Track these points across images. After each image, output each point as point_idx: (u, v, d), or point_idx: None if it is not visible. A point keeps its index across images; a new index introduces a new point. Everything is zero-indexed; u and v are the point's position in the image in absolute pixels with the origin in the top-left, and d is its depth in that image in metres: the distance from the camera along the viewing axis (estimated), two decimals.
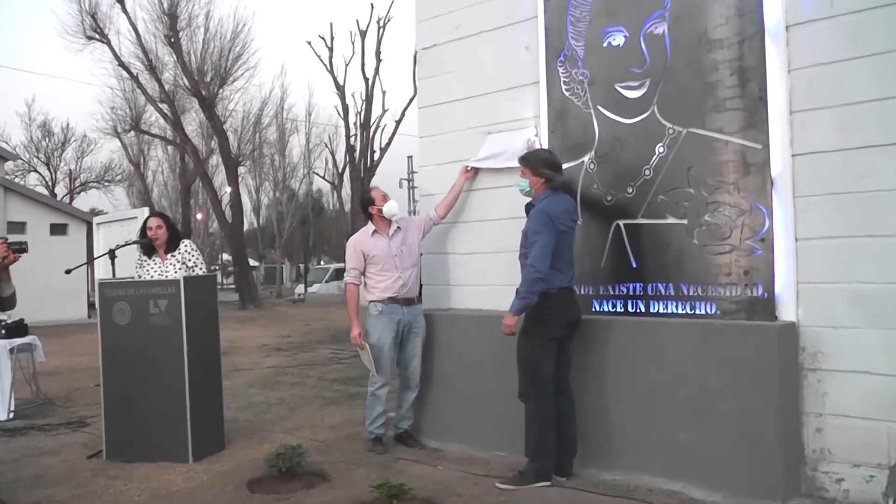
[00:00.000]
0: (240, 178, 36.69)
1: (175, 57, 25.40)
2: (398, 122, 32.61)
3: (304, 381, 9.43)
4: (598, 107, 5.17)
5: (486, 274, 5.82)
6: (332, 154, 39.46)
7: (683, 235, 4.75)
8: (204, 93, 25.81)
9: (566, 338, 4.81)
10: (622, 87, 5.04)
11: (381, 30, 32.11)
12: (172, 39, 24.95)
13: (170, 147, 36.18)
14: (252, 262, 52.48)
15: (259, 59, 58.21)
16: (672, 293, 4.80)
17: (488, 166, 5.77)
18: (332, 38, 32.77)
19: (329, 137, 40.30)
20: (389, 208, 5.80)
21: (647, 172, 4.91)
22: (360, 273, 5.82)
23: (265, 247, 51.90)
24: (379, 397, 5.80)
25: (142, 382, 5.66)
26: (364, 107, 32.67)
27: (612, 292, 5.06)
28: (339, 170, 37.66)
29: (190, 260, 6.09)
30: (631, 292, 4.98)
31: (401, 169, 45.65)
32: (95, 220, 9.48)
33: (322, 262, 53.39)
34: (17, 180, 33.78)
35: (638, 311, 4.94)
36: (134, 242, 6.26)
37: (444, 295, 6.15)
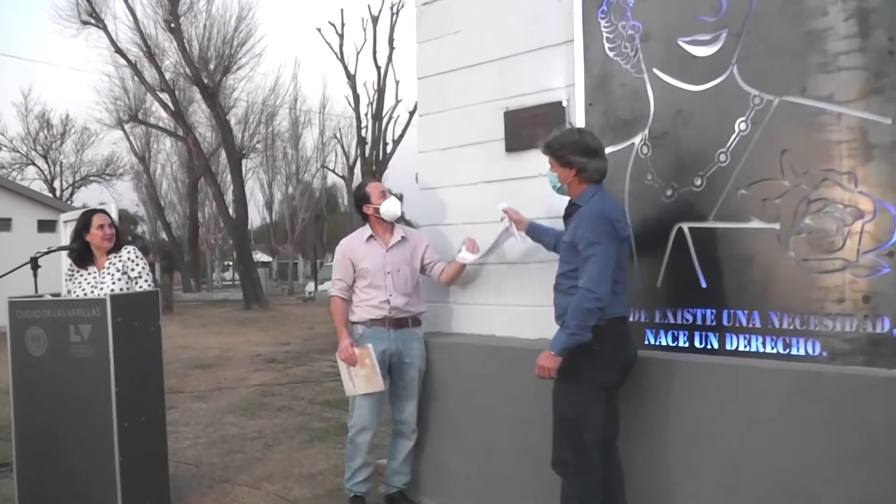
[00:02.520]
0: (252, 172, 35.71)
1: (175, 43, 24.16)
2: (412, 113, 31.54)
3: (292, 405, 8.15)
4: (654, 70, 3.85)
5: (503, 291, 4.52)
6: (343, 147, 38.40)
7: (774, 245, 3.43)
8: (206, 81, 24.57)
9: (618, 385, 3.52)
10: (688, 43, 3.72)
11: (395, 16, 31.14)
12: (172, 24, 23.70)
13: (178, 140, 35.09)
14: (265, 258, 51.68)
15: (265, 46, 56.84)
16: (757, 325, 3.48)
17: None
18: (342, 25, 31.89)
19: (340, 130, 39.23)
20: (389, 208, 4.53)
21: (721, 158, 3.60)
22: (349, 286, 4.56)
23: (278, 242, 50.89)
24: (359, 446, 4.52)
25: (62, 429, 4.41)
26: (376, 97, 31.65)
27: (672, 320, 3.75)
28: (350, 163, 36.56)
29: (134, 269, 4.80)
30: (699, 321, 3.66)
31: (413, 164, 44.18)
32: (62, 216, 8.30)
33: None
34: (13, 174, 32.74)
35: (708, 346, 3.63)
36: (60, 249, 5.01)
37: (445, 316, 4.86)
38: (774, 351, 3.43)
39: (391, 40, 31.21)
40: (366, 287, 4.48)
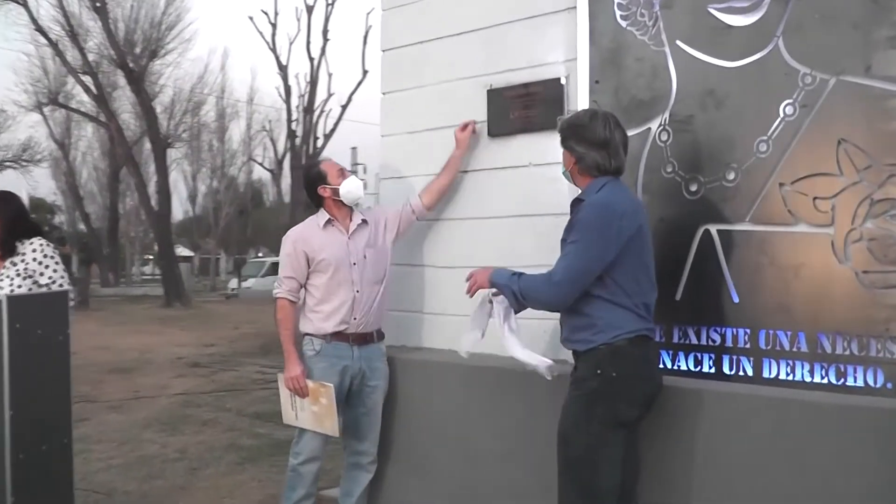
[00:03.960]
0: (176, 164, 34.41)
1: (100, 24, 22.73)
2: (344, 107, 30.94)
3: (218, 418, 7.31)
4: (678, 42, 3.24)
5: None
6: (272, 140, 37.28)
7: (827, 254, 2.86)
8: (132, 65, 23.20)
9: (639, 420, 2.89)
10: (721, 10, 3.12)
11: (330, 6, 30.39)
12: (98, 4, 22.25)
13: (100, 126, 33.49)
14: (187, 253, 50.12)
15: (195, 30, 54.99)
16: (803, 348, 2.90)
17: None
18: (275, 14, 30.82)
19: (270, 122, 38.06)
20: (350, 188, 3.79)
21: (761, 148, 3.01)
22: (300, 286, 3.80)
23: (201, 236, 49.35)
24: (303, 476, 3.77)
25: None
26: (308, 89, 30.77)
27: (695, 340, 3.14)
28: (280, 157, 35.52)
29: (43, 274, 3.88)
30: (729, 342, 3.06)
31: (345, 161, 43.79)
32: None
33: (260, 255, 51.35)
34: None
35: (741, 373, 3.03)
36: None
37: (415, 328, 4.17)
38: (824, 381, 2.85)
39: (325, 32, 30.56)
40: (325, 286, 3.73)
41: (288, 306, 3.77)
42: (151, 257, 58.20)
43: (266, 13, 31.12)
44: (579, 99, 3.53)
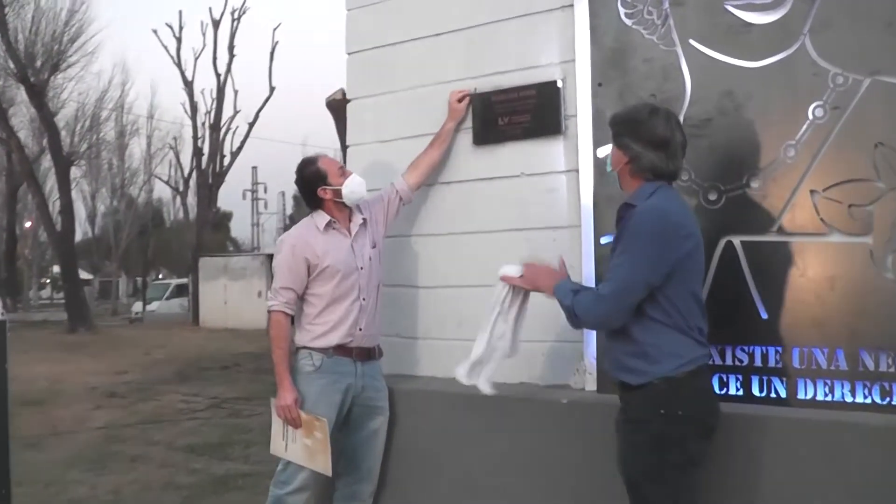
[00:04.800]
0: (75, 183, 33.06)
1: None
2: (251, 125, 30.78)
3: (148, 453, 6.77)
4: (691, 41, 3.03)
5: (480, 322, 3.55)
6: (178, 157, 36.26)
7: (866, 264, 2.68)
8: (33, 79, 22.06)
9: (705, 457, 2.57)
10: (739, 7, 2.93)
11: (236, 21, 30.26)
12: None
13: None
14: (86, 276, 48.21)
15: (98, 43, 52.90)
16: (842, 366, 2.71)
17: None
18: (180, 28, 30.34)
19: (175, 139, 37.00)
20: (353, 188, 3.42)
21: (789, 153, 2.82)
22: (298, 296, 3.39)
23: (101, 258, 47.47)
24: None
25: None
26: (214, 106, 30.17)
27: (719, 361, 2.91)
28: (185, 175, 34.56)
29: None
30: (758, 362, 2.84)
31: (245, 180, 44.88)
32: None
33: (161, 277, 49.88)
34: None
35: (773, 395, 2.82)
36: None
37: (408, 354, 3.81)
38: (867, 401, 2.66)
39: (231, 47, 30.43)
40: (330, 294, 3.35)
41: (284, 321, 3.34)
42: (48, 280, 55.74)
43: (171, 26, 30.47)
44: (578, 103, 3.28)
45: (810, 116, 2.78)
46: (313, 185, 3.43)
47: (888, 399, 2.63)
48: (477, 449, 3.32)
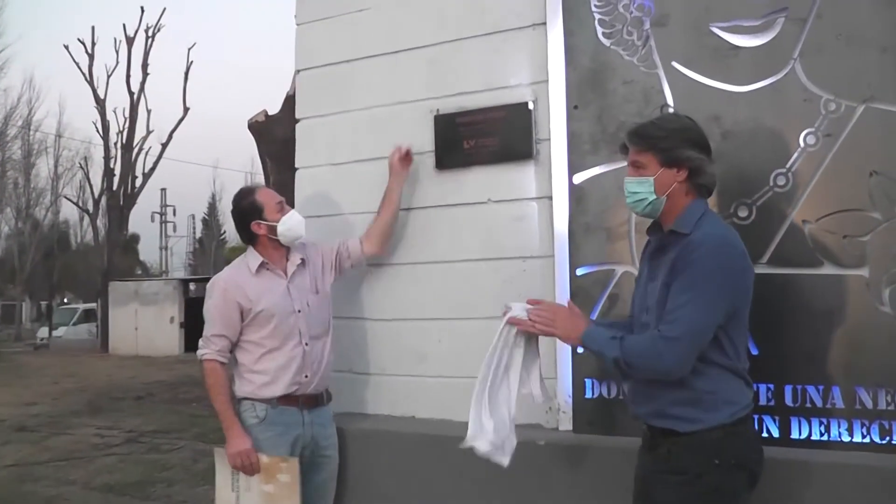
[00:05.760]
0: None
1: None
2: (164, 145, 29.90)
3: (64, 494, 6.27)
4: (674, 64, 2.90)
5: (442, 357, 3.33)
6: (88, 177, 34.96)
7: (862, 297, 2.58)
8: None
9: None
10: (725, 29, 2.82)
11: (150, 39, 29.33)
12: None
13: None
14: None
15: (6, 59, 50.80)
16: (838, 404, 2.60)
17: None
18: (93, 44, 29.19)
19: (85, 159, 35.66)
20: (290, 226, 3.16)
21: (779, 181, 2.71)
22: (232, 344, 3.11)
23: (4, 281, 45.42)
24: None
25: None
26: (127, 125, 29.23)
27: None
28: (96, 195, 33.34)
29: None
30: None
31: (154, 202, 43.52)
32: None
33: (66, 301, 48.01)
34: None
35: (765, 434, 2.68)
36: None
37: (362, 391, 3.56)
38: (866, 440, 2.55)
39: (145, 65, 29.47)
40: (267, 341, 3.08)
41: (219, 369, 3.06)
42: None
43: (83, 42, 29.44)
44: (552, 126, 3.11)
45: (801, 144, 2.68)
46: (248, 218, 3.18)
47: (888, 438, 2.52)
48: (440, 495, 3.09)
